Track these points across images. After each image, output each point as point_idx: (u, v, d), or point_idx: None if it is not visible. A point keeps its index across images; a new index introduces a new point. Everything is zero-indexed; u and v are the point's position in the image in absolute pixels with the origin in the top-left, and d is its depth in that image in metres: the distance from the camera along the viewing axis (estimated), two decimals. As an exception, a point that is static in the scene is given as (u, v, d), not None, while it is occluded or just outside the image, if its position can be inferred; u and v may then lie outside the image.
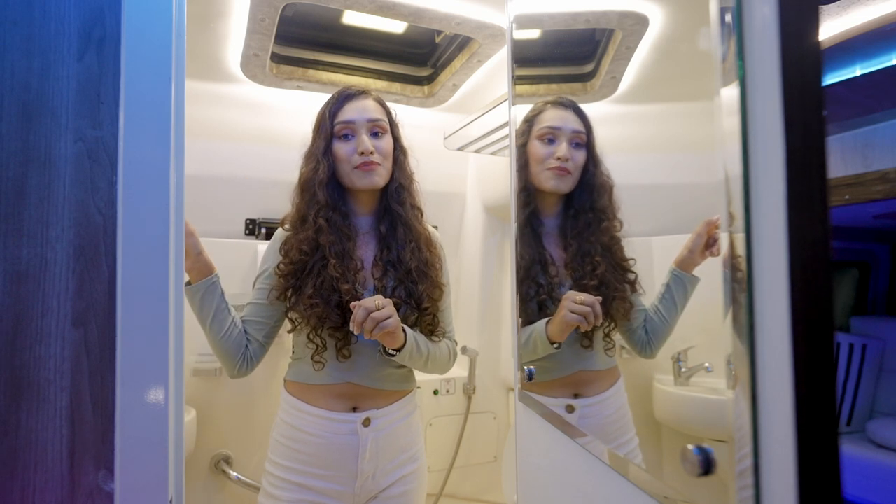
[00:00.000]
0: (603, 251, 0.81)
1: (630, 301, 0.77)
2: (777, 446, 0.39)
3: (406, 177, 1.14)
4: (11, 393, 0.58)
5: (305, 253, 1.04)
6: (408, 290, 1.08)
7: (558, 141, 0.90)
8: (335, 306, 1.01)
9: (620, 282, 0.78)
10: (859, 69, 0.91)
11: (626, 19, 0.73)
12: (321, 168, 1.07)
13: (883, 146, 0.87)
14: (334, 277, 1.02)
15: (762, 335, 0.40)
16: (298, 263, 1.04)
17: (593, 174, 0.85)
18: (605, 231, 0.82)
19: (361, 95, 1.11)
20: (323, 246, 1.04)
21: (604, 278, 0.81)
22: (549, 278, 0.93)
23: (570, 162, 0.89)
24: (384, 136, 1.10)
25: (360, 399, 1.06)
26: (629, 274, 0.76)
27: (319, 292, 1.01)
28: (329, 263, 1.02)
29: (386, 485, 1.08)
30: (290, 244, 1.07)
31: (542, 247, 0.95)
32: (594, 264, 0.83)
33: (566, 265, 0.91)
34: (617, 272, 0.79)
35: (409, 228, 1.11)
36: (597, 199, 0.83)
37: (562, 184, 0.91)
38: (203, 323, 1.04)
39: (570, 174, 0.90)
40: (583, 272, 0.86)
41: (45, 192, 0.59)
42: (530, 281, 0.95)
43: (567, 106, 0.90)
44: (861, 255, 1.39)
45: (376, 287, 1.07)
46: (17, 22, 0.60)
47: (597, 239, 0.83)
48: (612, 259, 0.79)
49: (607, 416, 0.86)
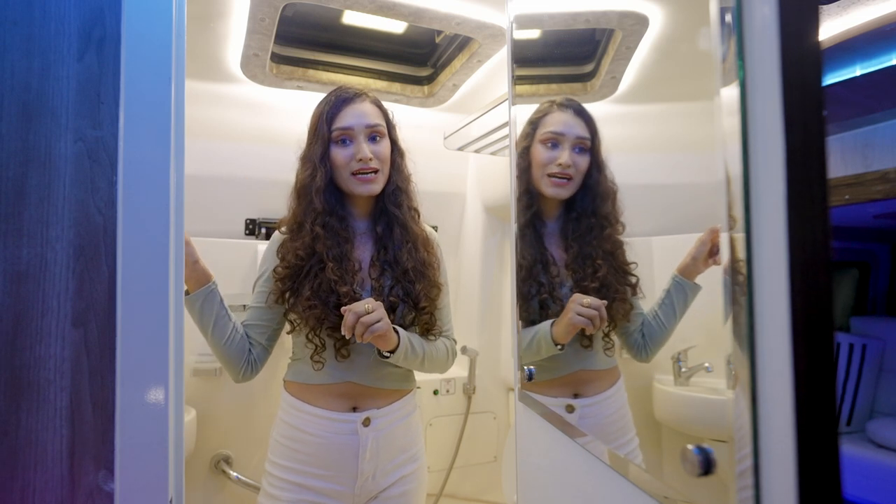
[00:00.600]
0: (604, 255, 0.82)
1: (630, 303, 0.77)
2: (777, 446, 0.39)
3: (403, 179, 1.14)
4: (11, 393, 0.57)
5: (301, 258, 1.04)
6: (405, 290, 1.08)
7: (561, 146, 0.90)
8: (333, 307, 1.01)
9: (622, 284, 0.78)
10: (859, 69, 0.91)
11: (626, 19, 0.73)
12: (319, 174, 1.06)
13: (883, 146, 0.87)
14: (332, 280, 1.02)
15: (762, 335, 0.40)
16: (295, 267, 1.05)
17: (596, 180, 0.85)
18: (607, 237, 0.82)
19: (358, 98, 1.09)
20: (320, 251, 1.04)
21: (605, 280, 0.81)
22: (550, 278, 0.93)
23: (571, 168, 0.89)
24: (382, 140, 1.09)
25: (360, 398, 1.06)
26: (630, 277, 0.76)
27: (317, 294, 1.02)
28: (326, 266, 1.03)
29: (386, 485, 1.08)
30: (286, 248, 1.07)
31: (544, 247, 0.96)
32: (595, 267, 0.83)
33: (567, 266, 0.91)
34: (618, 275, 0.79)
35: (406, 229, 1.11)
36: (599, 205, 0.83)
37: (562, 191, 0.91)
38: (204, 331, 1.05)
39: (571, 180, 0.89)
40: (584, 274, 0.86)
41: (45, 192, 0.59)
42: (532, 280, 0.95)
43: (572, 110, 0.90)
44: (861, 255, 1.39)
45: (374, 287, 1.07)
46: (17, 22, 0.60)
47: (598, 243, 0.83)
48: (613, 262, 0.79)
49: (607, 416, 0.86)
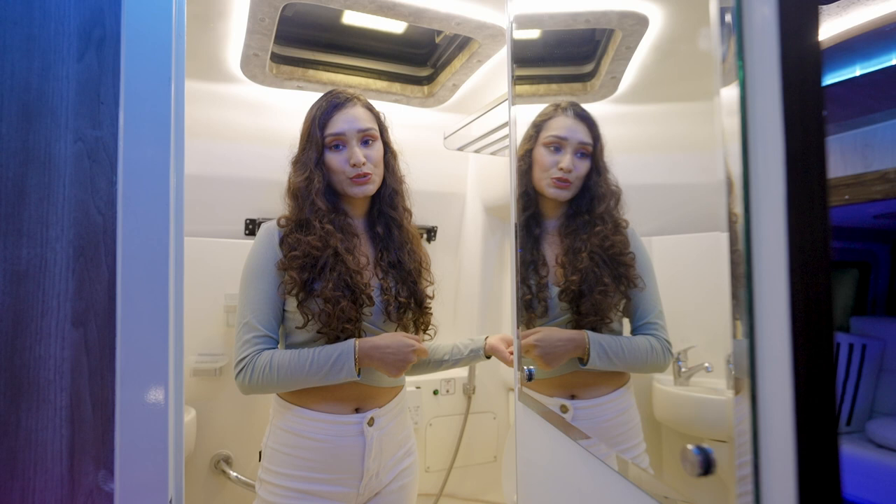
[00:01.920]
0: (593, 249, 0.83)
1: (625, 296, 0.78)
2: (777, 446, 0.39)
3: (397, 181, 1.16)
4: (11, 393, 0.57)
5: (318, 248, 1.04)
6: (410, 290, 1.11)
7: (563, 151, 0.91)
8: (351, 300, 1.02)
9: (612, 278, 0.79)
10: (859, 69, 0.91)
11: (626, 19, 0.73)
12: (315, 179, 1.07)
13: (883, 146, 0.86)
14: (352, 270, 1.03)
15: (762, 335, 0.40)
16: (311, 258, 1.03)
17: (596, 182, 0.85)
18: (597, 233, 0.83)
19: (350, 103, 1.10)
20: (333, 244, 1.04)
21: (587, 272, 0.82)
22: (538, 279, 0.95)
23: (571, 173, 0.90)
24: (374, 143, 1.10)
25: (362, 399, 1.06)
26: (629, 269, 0.76)
27: (338, 286, 1.02)
28: (346, 258, 1.04)
29: (387, 481, 1.09)
30: (296, 240, 1.05)
31: (538, 248, 0.97)
32: (579, 260, 0.85)
33: (557, 263, 0.93)
34: (608, 267, 0.80)
35: (403, 230, 1.14)
36: (596, 205, 0.84)
37: (562, 192, 0.93)
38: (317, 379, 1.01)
39: (570, 184, 0.91)
40: (572, 269, 0.88)
41: (45, 192, 0.59)
42: (522, 282, 0.97)
43: (576, 115, 0.91)
44: (861, 256, 1.39)
45: (382, 287, 1.09)
46: (17, 22, 0.60)
47: (588, 237, 0.85)
48: (603, 255, 0.80)
49: (606, 419, 0.85)
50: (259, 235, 1.09)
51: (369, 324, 1.07)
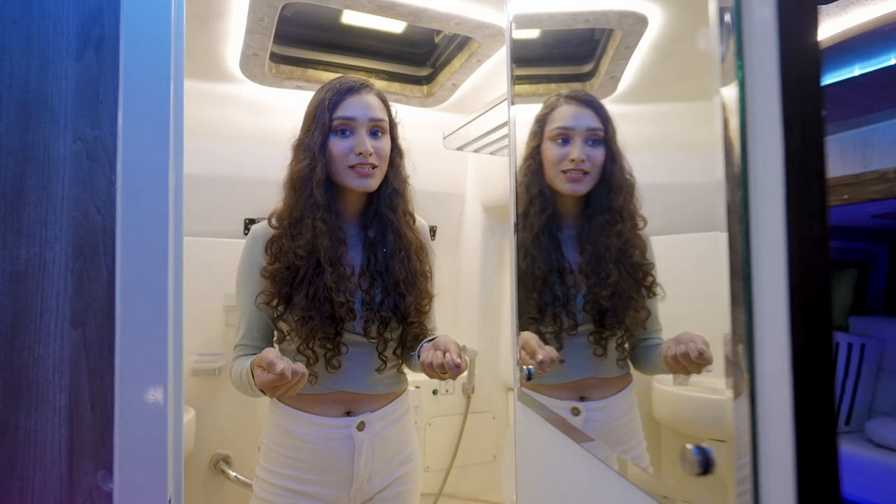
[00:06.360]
0: (618, 255, 0.76)
1: (647, 309, 0.72)
2: (776, 445, 0.39)
3: (401, 181, 1.08)
4: (10, 393, 0.57)
5: (301, 257, 0.99)
6: (395, 303, 1.03)
7: (572, 141, 0.84)
8: (328, 317, 0.97)
9: (636, 289, 0.73)
10: (858, 69, 0.91)
11: (626, 19, 0.73)
12: (318, 166, 1.00)
13: (882, 146, 0.86)
14: (329, 287, 0.97)
15: (761, 335, 0.40)
16: (293, 268, 0.99)
17: (611, 172, 0.78)
18: (618, 233, 0.76)
19: (364, 89, 1.04)
20: (318, 251, 0.99)
21: (617, 286, 0.75)
22: (565, 288, 0.87)
23: (586, 162, 0.82)
24: (383, 136, 1.04)
25: (353, 404, 1.04)
26: (646, 277, 0.71)
27: (313, 303, 0.97)
28: (325, 272, 0.98)
29: (381, 486, 1.06)
30: (281, 246, 1.01)
31: (561, 254, 0.89)
32: (607, 271, 0.77)
33: (581, 270, 0.86)
34: (632, 278, 0.74)
35: (400, 236, 1.06)
36: (614, 199, 0.77)
37: (579, 186, 0.85)
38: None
39: (587, 175, 0.83)
40: (596, 280, 0.81)
41: (44, 191, 0.59)
42: (547, 290, 0.89)
43: (580, 101, 0.85)
44: (860, 255, 1.39)
45: (363, 298, 1.03)
46: (17, 21, 0.60)
47: (611, 242, 0.78)
48: (627, 263, 0.74)
49: (614, 419, 0.83)
50: (247, 240, 1.07)
51: (354, 334, 1.02)
